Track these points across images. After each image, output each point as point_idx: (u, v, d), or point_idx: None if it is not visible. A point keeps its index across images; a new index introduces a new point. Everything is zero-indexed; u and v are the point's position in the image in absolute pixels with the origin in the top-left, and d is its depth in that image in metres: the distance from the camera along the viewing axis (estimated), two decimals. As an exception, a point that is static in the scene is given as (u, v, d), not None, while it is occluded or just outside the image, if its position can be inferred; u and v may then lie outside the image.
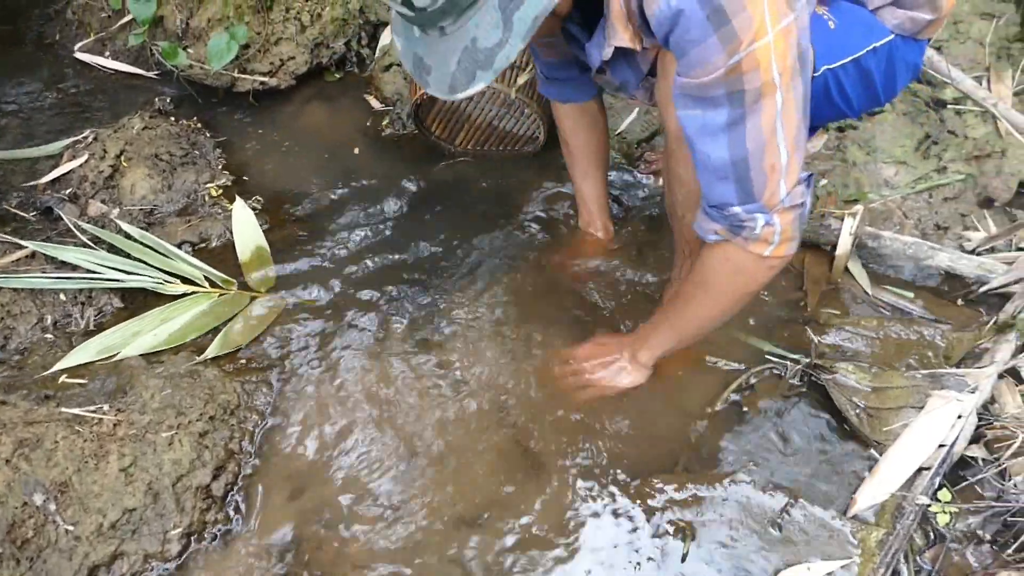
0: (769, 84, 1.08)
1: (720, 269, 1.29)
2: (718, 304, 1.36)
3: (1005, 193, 1.95)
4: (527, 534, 1.40)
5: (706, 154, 1.16)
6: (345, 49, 2.55)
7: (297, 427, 1.57)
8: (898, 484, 1.34)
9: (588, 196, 1.86)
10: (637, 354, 1.56)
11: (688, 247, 1.54)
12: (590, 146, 1.78)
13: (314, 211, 2.09)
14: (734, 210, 1.20)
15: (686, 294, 1.40)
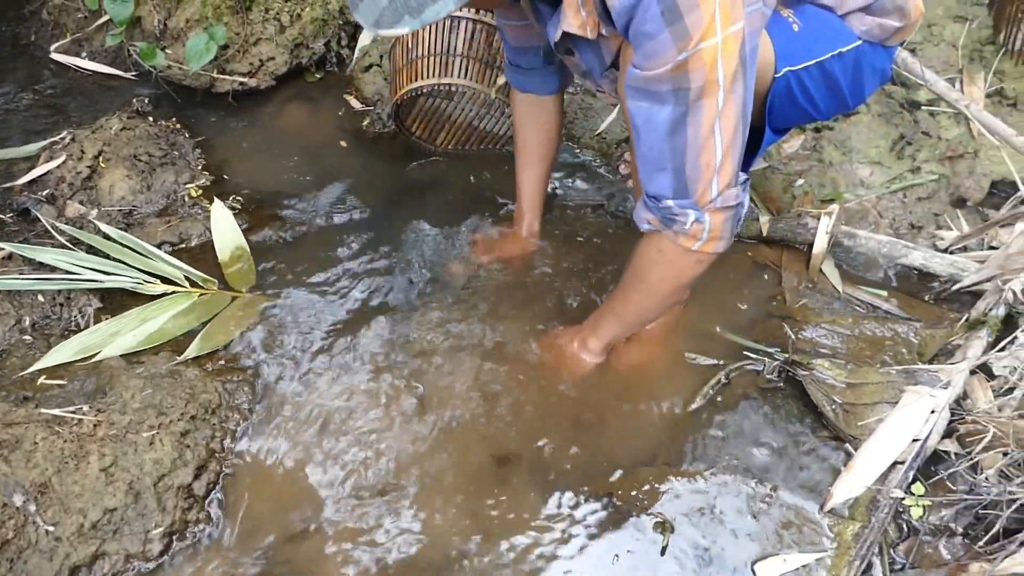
0: (712, 84, 1.12)
1: (654, 259, 1.36)
2: (653, 293, 1.43)
3: (977, 193, 1.99)
4: (507, 528, 1.41)
5: (648, 145, 1.20)
6: (325, 49, 2.54)
7: (278, 426, 1.57)
8: (873, 478, 1.37)
9: (524, 189, 1.86)
10: (587, 342, 1.62)
11: None
12: (538, 139, 1.79)
13: (294, 211, 2.08)
14: (667, 203, 1.25)
15: (625, 284, 1.47)
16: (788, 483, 1.44)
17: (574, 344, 1.64)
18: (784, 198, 2.03)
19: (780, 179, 2.07)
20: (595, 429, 1.56)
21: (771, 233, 1.87)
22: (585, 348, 1.63)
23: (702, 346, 1.69)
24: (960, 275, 1.71)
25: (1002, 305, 1.58)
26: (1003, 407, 1.44)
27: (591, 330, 1.62)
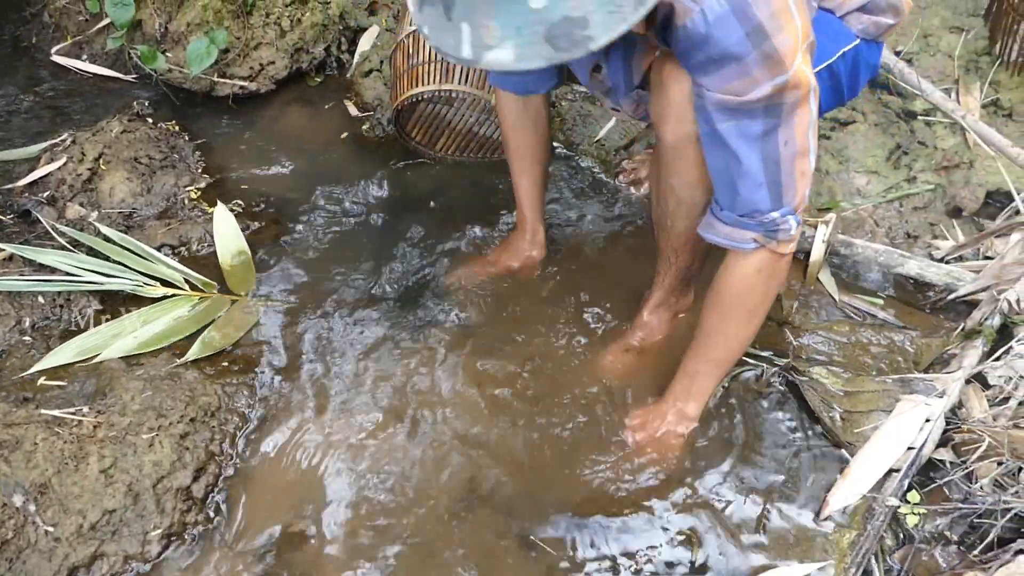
0: (805, 97, 1.14)
1: (754, 280, 1.31)
2: (756, 316, 1.37)
3: (973, 203, 2.00)
4: (514, 538, 1.41)
5: (746, 161, 1.18)
6: (325, 54, 2.55)
7: (278, 429, 1.57)
8: (868, 486, 1.38)
9: (524, 195, 1.81)
10: (684, 411, 1.52)
11: (674, 255, 1.55)
12: (533, 143, 1.74)
13: (295, 215, 2.09)
14: (771, 215, 1.23)
15: (718, 324, 1.39)
16: (786, 490, 1.45)
17: (669, 420, 1.52)
18: (781, 206, 2.04)
19: (778, 187, 2.08)
20: (593, 435, 1.56)
21: (769, 241, 1.88)
22: (684, 418, 1.52)
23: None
24: (956, 284, 1.72)
25: (997, 315, 1.59)
26: (998, 417, 1.45)
27: (684, 395, 1.50)
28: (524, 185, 1.80)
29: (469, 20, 0.99)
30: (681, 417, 1.52)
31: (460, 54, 1.00)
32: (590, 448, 1.54)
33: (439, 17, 1.01)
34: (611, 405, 1.61)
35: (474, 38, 0.99)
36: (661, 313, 1.69)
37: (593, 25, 0.95)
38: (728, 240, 1.30)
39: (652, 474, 1.49)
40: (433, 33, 1.02)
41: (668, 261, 1.59)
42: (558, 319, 1.78)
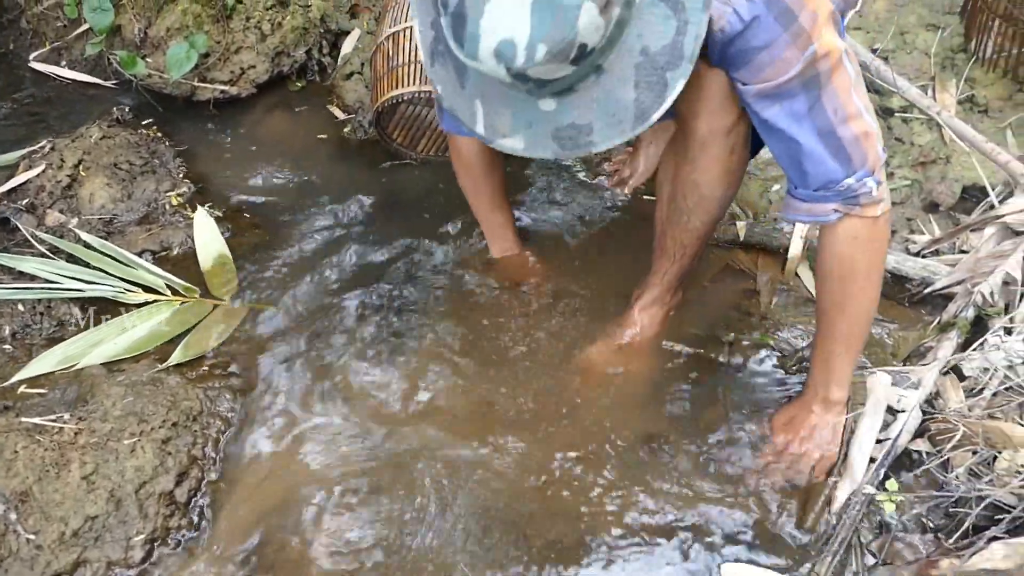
0: (838, 62, 1.15)
1: (853, 250, 1.30)
2: (872, 284, 1.35)
3: (949, 198, 2.02)
4: (498, 534, 1.42)
5: (803, 139, 1.20)
6: (306, 58, 2.56)
7: (261, 432, 1.58)
8: (845, 475, 1.39)
9: (501, 224, 1.84)
10: (829, 397, 1.46)
11: (681, 253, 1.56)
12: (495, 176, 1.74)
13: (277, 219, 2.09)
14: (846, 183, 1.23)
15: (836, 302, 1.37)
16: (764, 483, 1.46)
17: (815, 411, 1.47)
18: (761, 203, 2.06)
19: (757, 184, 2.10)
20: (571, 425, 1.57)
21: (748, 237, 1.90)
22: (831, 405, 1.46)
23: (684, 340, 1.72)
24: (932, 278, 1.74)
25: (971, 307, 1.61)
26: (973, 407, 1.46)
27: (824, 384, 1.45)
28: (499, 218, 1.83)
29: (483, 100, 1.04)
30: (828, 405, 1.46)
31: (475, 128, 1.07)
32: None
33: (452, 81, 1.06)
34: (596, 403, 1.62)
35: (488, 121, 1.06)
36: (654, 311, 1.69)
37: (596, 132, 1.03)
38: (810, 216, 1.30)
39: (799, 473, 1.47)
40: (447, 96, 1.07)
41: (672, 258, 1.59)
42: (547, 319, 1.78)
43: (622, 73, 1.00)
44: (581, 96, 1.01)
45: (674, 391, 1.64)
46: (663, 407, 1.61)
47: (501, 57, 0.94)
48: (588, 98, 1.01)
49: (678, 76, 1.01)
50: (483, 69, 0.97)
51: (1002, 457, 1.38)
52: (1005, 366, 1.49)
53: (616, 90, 1.01)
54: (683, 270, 1.62)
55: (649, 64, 1.00)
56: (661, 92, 1.02)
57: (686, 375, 1.66)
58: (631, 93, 1.01)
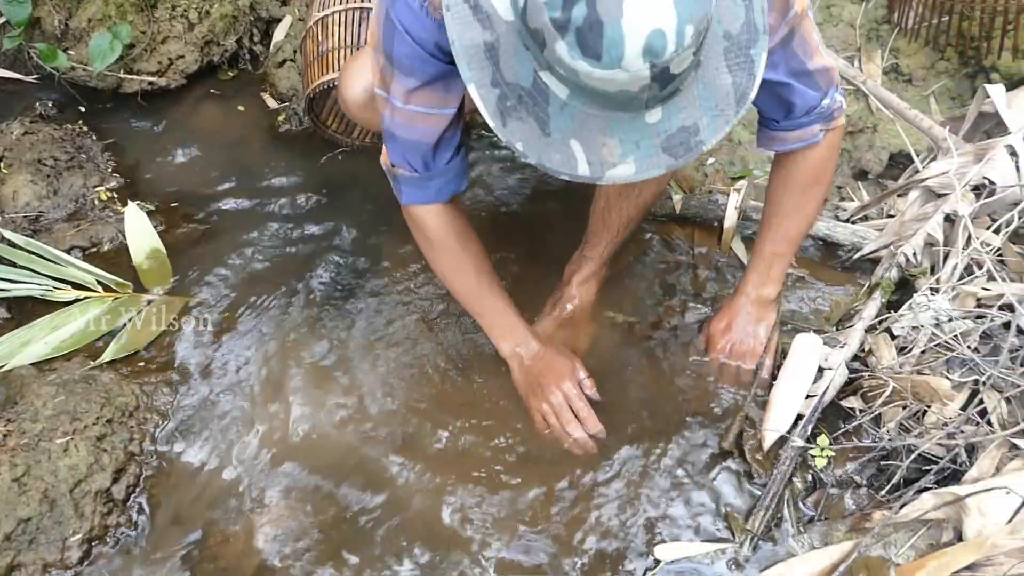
0: (805, 11, 1.21)
1: (829, 157, 1.43)
2: (828, 185, 1.49)
3: (877, 166, 2.07)
4: (419, 505, 1.42)
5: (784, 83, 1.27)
6: (237, 47, 2.51)
7: (201, 425, 1.55)
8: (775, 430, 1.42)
9: (502, 309, 1.53)
10: (765, 296, 1.57)
11: (624, 227, 1.60)
12: (475, 246, 1.49)
13: (211, 211, 2.05)
14: (824, 103, 1.33)
15: (798, 205, 1.48)
16: (697, 455, 1.48)
17: (752, 311, 1.57)
18: (696, 177, 2.08)
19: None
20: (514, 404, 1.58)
21: (684, 211, 1.92)
22: (765, 303, 1.57)
23: (627, 309, 1.74)
24: (861, 243, 1.78)
25: (894, 269, 1.65)
26: (904, 364, 1.51)
27: (762, 284, 1.55)
28: (497, 299, 1.53)
29: (579, 138, 0.97)
30: (764, 303, 1.57)
31: (577, 172, 0.99)
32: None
33: (534, 132, 0.98)
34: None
35: (591, 156, 0.98)
36: (591, 284, 1.71)
37: (704, 129, 0.99)
38: (800, 142, 1.38)
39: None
40: (532, 150, 0.99)
41: (615, 232, 1.62)
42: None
43: (716, 62, 0.98)
44: (685, 95, 0.97)
45: (614, 360, 1.65)
46: (608, 378, 1.61)
47: (650, 52, 0.87)
48: (691, 96, 0.98)
49: (760, 50, 1.00)
50: (618, 80, 0.89)
51: (931, 411, 1.43)
52: (932, 324, 1.54)
53: (715, 79, 0.99)
54: (621, 244, 1.64)
55: (734, 46, 0.99)
56: (751, 70, 1.00)
57: (624, 344, 1.68)
58: (727, 78, 0.99)
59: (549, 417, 1.49)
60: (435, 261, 1.50)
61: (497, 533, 1.40)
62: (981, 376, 1.41)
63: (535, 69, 0.95)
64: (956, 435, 1.37)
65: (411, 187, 1.38)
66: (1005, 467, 1.31)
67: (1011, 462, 1.31)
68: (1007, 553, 1.21)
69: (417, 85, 1.21)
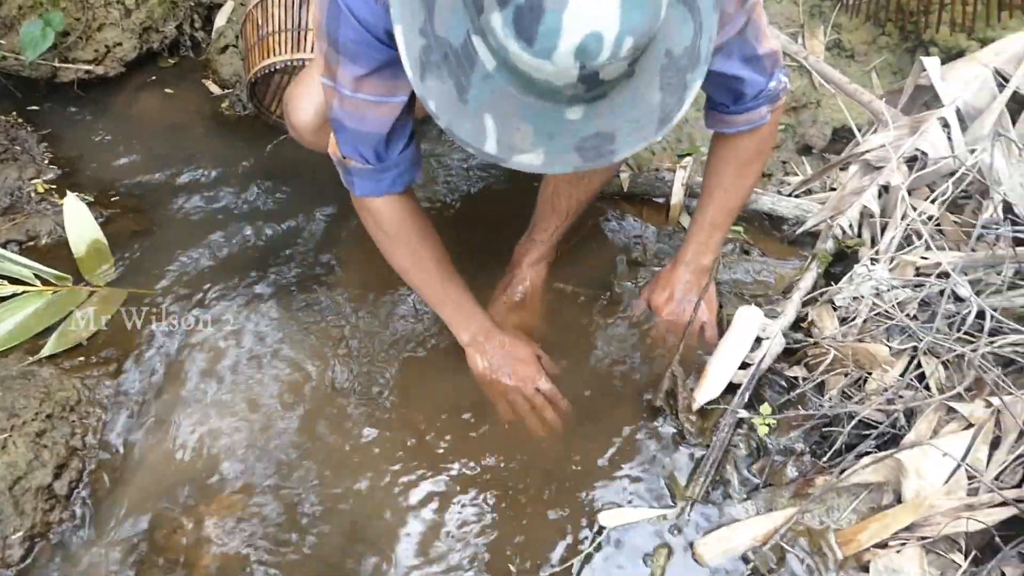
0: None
1: (770, 134, 1.46)
2: (764, 164, 1.52)
3: (821, 140, 2.11)
4: (369, 491, 1.42)
5: (735, 72, 1.28)
6: (177, 33, 2.47)
7: (145, 417, 1.52)
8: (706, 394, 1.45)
9: (460, 298, 1.52)
10: (703, 264, 1.60)
11: (575, 210, 1.61)
12: (433, 238, 1.47)
13: (154, 201, 2.02)
14: (770, 86, 1.35)
15: (738, 177, 1.50)
16: (641, 427, 1.49)
17: (690, 279, 1.61)
18: (644, 155, 2.10)
19: (639, 137, 2.13)
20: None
21: (632, 188, 1.93)
22: (703, 270, 1.60)
23: (578, 281, 1.75)
24: (805, 216, 1.81)
25: (830, 240, 1.67)
26: (846, 334, 1.53)
27: (701, 253, 1.59)
28: (456, 289, 1.52)
29: (494, 114, 0.92)
30: (701, 271, 1.61)
31: (483, 148, 0.94)
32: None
33: (450, 95, 0.93)
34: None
35: (502, 136, 0.93)
36: (541, 266, 1.71)
37: (619, 140, 0.95)
38: (748, 124, 1.41)
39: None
40: (444, 113, 0.94)
41: (564, 215, 1.63)
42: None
43: (650, 76, 0.93)
44: (610, 101, 0.93)
45: (564, 334, 1.66)
46: (557, 351, 1.62)
47: (583, 53, 0.83)
48: (616, 103, 0.93)
49: (696, 77, 0.97)
50: (544, 71, 0.85)
51: (872, 378, 1.45)
52: (873, 294, 1.57)
53: (644, 93, 0.94)
54: (571, 227, 1.65)
55: (672, 66, 0.94)
56: (682, 94, 0.96)
57: (573, 317, 1.69)
58: (657, 96, 0.95)
59: (517, 403, 1.50)
60: (392, 254, 1.47)
61: (442, 511, 1.39)
62: (919, 343, 1.44)
63: (468, 31, 0.90)
64: (895, 400, 1.39)
65: (364, 179, 1.34)
66: (942, 430, 1.34)
67: (947, 425, 1.34)
68: (943, 513, 1.24)
69: (365, 72, 1.16)
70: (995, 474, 1.28)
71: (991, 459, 1.30)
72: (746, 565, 1.26)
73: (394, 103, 1.21)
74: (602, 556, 1.32)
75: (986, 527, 1.20)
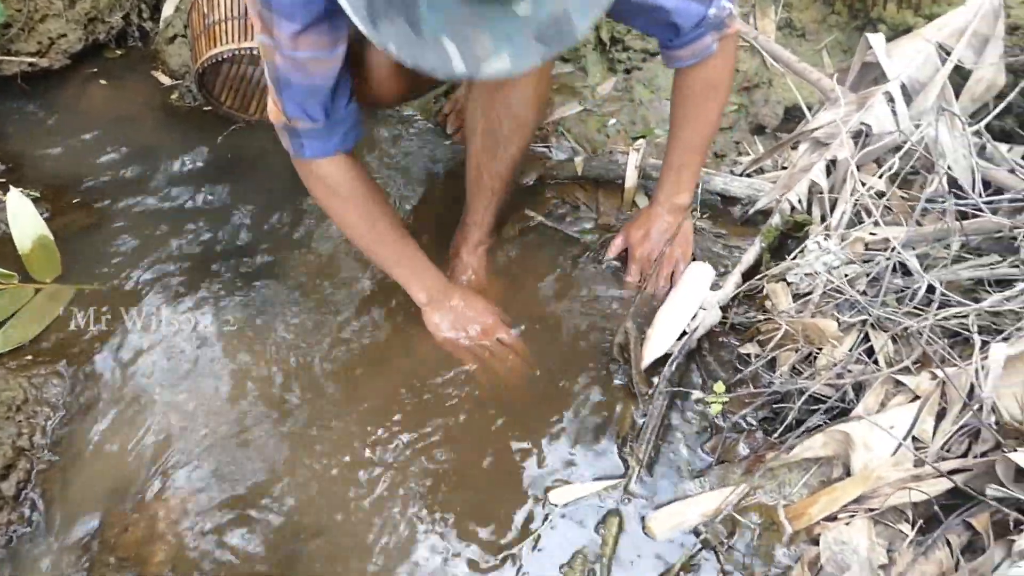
0: None
1: (723, 65, 1.46)
2: (727, 92, 1.53)
3: (773, 120, 2.11)
4: (319, 483, 1.41)
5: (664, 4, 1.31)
6: (124, 23, 2.41)
7: (94, 415, 1.50)
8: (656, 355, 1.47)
9: (414, 255, 1.55)
10: (679, 204, 1.63)
11: (501, 185, 1.60)
12: (380, 196, 1.49)
13: (102, 195, 1.98)
14: (711, 13, 1.36)
15: (696, 113, 1.53)
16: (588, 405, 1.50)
17: (668, 219, 1.64)
18: (599, 138, 2.09)
19: (594, 120, 2.13)
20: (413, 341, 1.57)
21: (586, 171, 1.93)
22: (679, 210, 1.64)
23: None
24: (757, 196, 1.81)
25: (777, 216, 1.69)
26: (798, 310, 1.55)
27: (675, 189, 1.63)
28: (410, 247, 1.54)
29: (450, 34, 0.95)
30: (677, 210, 1.64)
31: (452, 70, 0.96)
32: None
33: (406, 34, 0.95)
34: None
35: (465, 52, 0.95)
36: (480, 251, 1.71)
37: (575, 18, 0.97)
38: (694, 57, 1.42)
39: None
40: (405, 51, 0.95)
41: (491, 192, 1.62)
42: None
43: None
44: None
45: (523, 311, 1.66)
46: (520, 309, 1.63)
47: None
48: None
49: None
50: None
51: (823, 354, 1.47)
52: (824, 269, 1.58)
53: None
54: (500, 204, 1.65)
55: None
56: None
57: (531, 297, 1.70)
58: None
59: (479, 354, 1.53)
60: (344, 216, 1.47)
61: (391, 496, 1.39)
62: (868, 317, 1.46)
63: None
64: (844, 375, 1.41)
65: (313, 139, 1.35)
66: (890, 402, 1.36)
67: (895, 398, 1.36)
68: (890, 485, 1.26)
69: (300, 28, 1.17)
70: (941, 444, 1.30)
71: (937, 430, 1.32)
72: (697, 538, 1.27)
73: (335, 56, 1.24)
74: (554, 532, 1.32)
75: (931, 497, 1.23)
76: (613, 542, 1.28)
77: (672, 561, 1.27)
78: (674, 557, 1.27)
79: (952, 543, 1.21)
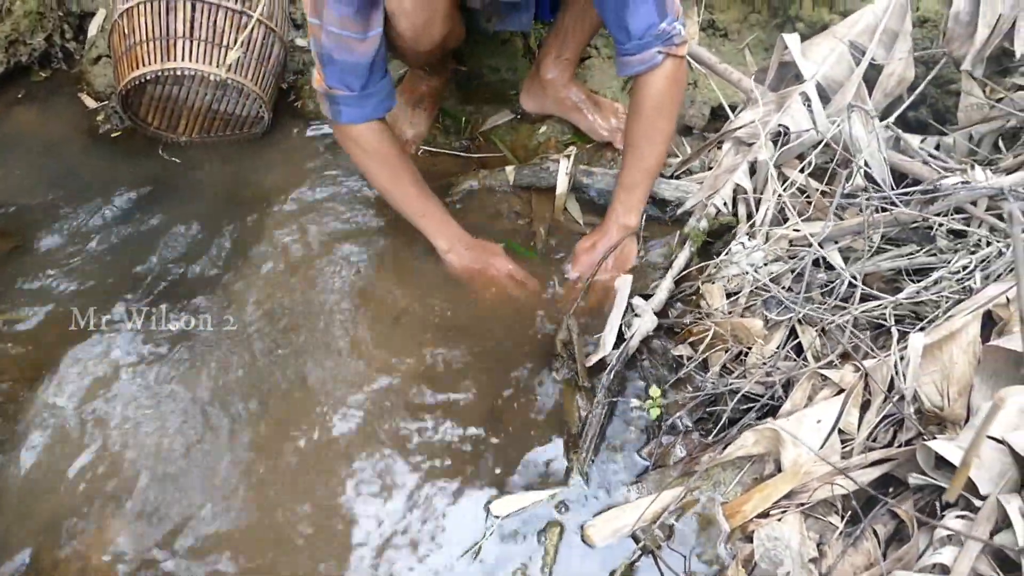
0: None
1: (668, 87, 1.57)
2: (673, 122, 1.64)
3: (700, 120, 2.15)
4: (255, 510, 1.41)
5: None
6: (47, 45, 2.36)
7: (22, 447, 1.48)
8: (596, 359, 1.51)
9: (438, 209, 1.73)
10: (627, 224, 1.73)
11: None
12: (407, 157, 1.71)
13: (28, 221, 1.94)
14: (662, 27, 1.49)
15: (646, 135, 1.64)
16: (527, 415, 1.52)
17: (615, 237, 1.71)
18: (531, 146, 2.11)
19: (525, 129, 2.15)
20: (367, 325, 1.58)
21: (518, 180, 1.94)
22: (627, 230, 1.72)
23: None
24: (684, 197, 1.84)
25: (704, 219, 1.72)
26: (727, 310, 1.58)
27: (625, 213, 1.72)
28: (434, 202, 1.73)
29: None
30: (625, 230, 1.73)
31: None
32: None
33: None
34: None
35: None
36: (561, 65, 1.94)
37: None
38: (642, 64, 1.54)
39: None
40: None
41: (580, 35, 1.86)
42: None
43: None
44: None
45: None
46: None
47: None
48: None
49: None
50: None
51: (752, 352, 1.51)
52: (751, 268, 1.62)
53: None
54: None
55: None
56: None
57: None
58: None
59: (499, 280, 1.71)
60: (376, 174, 1.67)
61: (336, 506, 1.40)
62: (794, 313, 1.50)
63: None
64: (774, 372, 1.45)
65: (351, 107, 1.54)
66: (816, 396, 1.40)
67: (821, 392, 1.40)
68: (819, 478, 1.29)
69: (351, 11, 1.38)
70: (867, 435, 1.34)
71: (862, 421, 1.36)
72: (636, 544, 1.30)
73: (373, 37, 1.43)
74: (496, 542, 1.34)
75: (860, 487, 1.26)
76: (554, 551, 1.30)
77: (612, 567, 1.29)
78: (614, 563, 1.29)
79: (879, 533, 1.24)
